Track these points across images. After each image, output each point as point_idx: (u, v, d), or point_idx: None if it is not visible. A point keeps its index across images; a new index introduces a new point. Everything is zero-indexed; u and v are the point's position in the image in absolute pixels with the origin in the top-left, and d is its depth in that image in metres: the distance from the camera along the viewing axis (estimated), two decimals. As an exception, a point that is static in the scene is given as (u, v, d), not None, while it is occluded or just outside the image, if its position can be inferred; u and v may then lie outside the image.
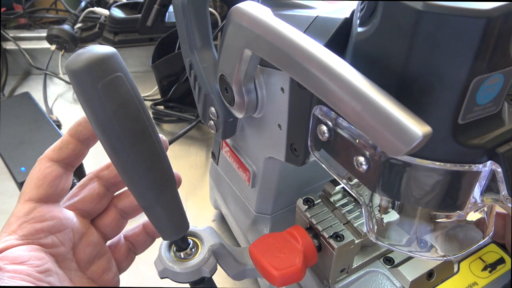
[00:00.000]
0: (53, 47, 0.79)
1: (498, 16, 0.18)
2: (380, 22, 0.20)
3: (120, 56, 0.26)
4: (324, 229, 0.35)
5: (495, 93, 0.21)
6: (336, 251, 0.34)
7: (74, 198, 0.33)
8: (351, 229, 0.36)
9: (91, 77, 0.25)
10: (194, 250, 0.34)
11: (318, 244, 0.35)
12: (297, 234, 0.35)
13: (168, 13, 0.78)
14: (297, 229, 0.36)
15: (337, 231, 0.34)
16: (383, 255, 0.39)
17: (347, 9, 0.25)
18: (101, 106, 0.25)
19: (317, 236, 0.35)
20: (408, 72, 0.20)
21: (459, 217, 0.27)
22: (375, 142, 0.20)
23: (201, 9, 0.34)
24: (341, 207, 0.37)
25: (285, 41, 0.22)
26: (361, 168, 0.23)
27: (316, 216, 0.36)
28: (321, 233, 0.35)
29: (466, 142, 0.21)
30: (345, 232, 0.34)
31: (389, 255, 0.39)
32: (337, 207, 0.37)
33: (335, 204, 0.38)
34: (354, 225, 0.36)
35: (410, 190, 0.23)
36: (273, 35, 0.23)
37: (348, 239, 0.34)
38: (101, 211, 0.35)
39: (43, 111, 0.67)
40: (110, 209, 0.35)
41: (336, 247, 0.33)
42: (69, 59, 0.25)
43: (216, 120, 0.36)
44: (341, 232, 0.34)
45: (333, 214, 0.36)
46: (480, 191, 0.23)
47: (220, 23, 0.73)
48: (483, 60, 0.19)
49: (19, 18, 0.87)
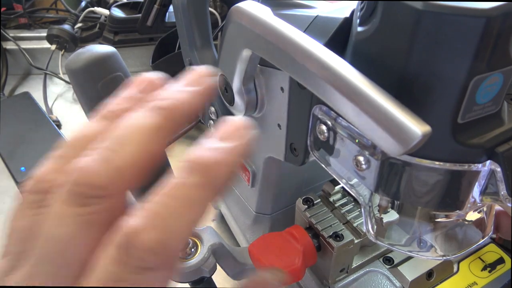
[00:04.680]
0: (53, 47, 0.79)
1: (498, 16, 0.18)
2: (380, 21, 0.20)
3: (119, 55, 0.26)
4: (323, 229, 0.35)
5: (495, 93, 0.21)
6: (336, 250, 0.34)
7: None
8: (350, 228, 0.36)
9: (91, 76, 0.25)
10: (193, 250, 0.34)
11: (318, 244, 0.35)
12: (297, 234, 0.35)
13: (168, 13, 0.78)
14: (297, 228, 0.36)
15: (337, 231, 0.34)
16: (382, 255, 0.39)
17: (347, 9, 0.25)
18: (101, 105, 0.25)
19: (316, 236, 0.35)
20: (408, 71, 0.20)
21: (458, 216, 0.27)
22: (374, 141, 0.20)
23: (201, 9, 0.35)
24: (340, 206, 0.37)
25: (285, 41, 0.22)
26: (361, 167, 0.23)
27: (316, 215, 0.36)
28: (320, 232, 0.35)
29: (466, 141, 0.21)
30: (345, 232, 0.34)
31: (389, 255, 0.39)
32: (337, 206, 0.37)
33: (335, 204, 0.38)
34: (353, 225, 0.36)
35: (409, 189, 0.23)
36: (273, 35, 0.23)
37: (348, 239, 0.34)
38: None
39: (43, 111, 0.67)
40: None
41: (335, 246, 0.33)
42: (69, 58, 0.25)
43: (216, 119, 0.36)
44: (341, 231, 0.34)
45: (332, 213, 0.36)
46: (479, 191, 0.23)
47: (220, 23, 0.73)
48: (482, 60, 0.19)
49: (19, 18, 0.87)
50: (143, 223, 0.15)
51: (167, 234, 0.15)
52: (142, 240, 0.14)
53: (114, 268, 0.15)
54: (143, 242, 0.14)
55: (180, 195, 0.15)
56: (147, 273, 0.15)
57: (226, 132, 0.17)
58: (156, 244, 0.15)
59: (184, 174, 0.16)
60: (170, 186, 0.16)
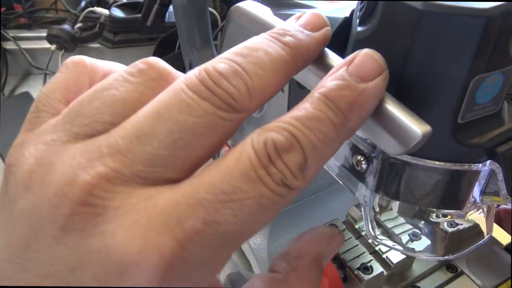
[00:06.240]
0: (53, 47, 0.79)
1: (498, 16, 0.18)
2: (380, 21, 0.20)
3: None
4: (350, 260, 0.33)
5: (495, 93, 0.21)
6: (364, 284, 0.32)
7: None
8: (379, 259, 0.34)
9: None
10: None
11: (344, 275, 0.33)
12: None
13: (168, 13, 0.78)
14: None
15: (365, 262, 0.32)
16: (410, 284, 0.37)
17: (347, 9, 0.25)
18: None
19: (342, 266, 0.33)
20: (408, 71, 0.20)
21: (458, 216, 0.27)
22: (374, 141, 0.20)
23: (201, 9, 0.35)
24: (367, 235, 0.35)
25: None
26: (360, 167, 0.23)
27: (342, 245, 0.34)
28: (347, 264, 0.33)
29: (466, 141, 0.21)
30: (374, 264, 0.33)
31: (417, 284, 0.37)
32: (363, 235, 0.35)
33: (361, 232, 0.36)
34: (382, 256, 0.34)
35: (409, 189, 0.23)
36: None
37: (377, 272, 0.32)
38: None
39: (43, 111, 0.67)
40: None
41: (364, 280, 0.32)
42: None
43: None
44: (369, 263, 0.32)
45: (359, 241, 0.34)
46: (479, 191, 0.23)
47: (220, 23, 0.73)
48: (482, 59, 0.19)
49: (19, 18, 0.87)
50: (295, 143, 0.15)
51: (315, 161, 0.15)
52: (292, 156, 0.15)
53: (251, 164, 0.14)
54: (292, 158, 0.15)
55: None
56: (286, 192, 0.15)
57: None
58: (302, 166, 0.15)
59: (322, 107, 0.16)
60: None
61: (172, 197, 0.14)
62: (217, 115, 0.15)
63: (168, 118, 0.15)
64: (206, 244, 0.14)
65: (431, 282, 0.36)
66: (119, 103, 0.16)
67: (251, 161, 0.15)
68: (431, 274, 0.37)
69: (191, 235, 0.14)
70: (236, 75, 0.16)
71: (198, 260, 0.14)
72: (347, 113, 0.16)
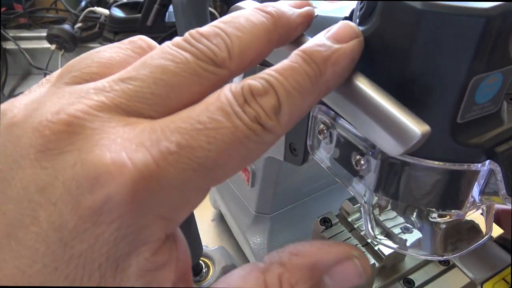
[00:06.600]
0: (53, 47, 0.79)
1: (498, 15, 0.18)
2: (380, 21, 0.20)
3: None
4: None
5: (494, 92, 0.21)
6: None
7: None
8: (371, 251, 0.34)
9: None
10: (205, 272, 0.33)
11: None
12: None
13: (168, 13, 0.78)
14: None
15: None
16: (402, 277, 0.37)
17: (347, 9, 0.25)
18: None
19: None
20: (407, 71, 0.20)
21: (458, 216, 0.27)
22: (373, 141, 0.20)
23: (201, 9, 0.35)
24: (359, 227, 0.36)
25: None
26: (360, 167, 0.23)
27: (334, 237, 0.34)
28: None
29: (465, 141, 0.21)
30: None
31: (409, 276, 0.37)
32: (356, 227, 0.36)
33: (354, 224, 0.36)
34: (374, 248, 0.34)
35: (408, 189, 0.23)
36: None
37: (369, 263, 0.32)
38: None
39: (43, 110, 0.67)
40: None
41: None
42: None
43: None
44: None
45: (351, 234, 0.35)
46: (479, 190, 0.23)
47: (220, 23, 0.73)
48: (482, 59, 0.19)
49: (19, 18, 0.88)
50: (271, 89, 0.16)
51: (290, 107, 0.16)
52: (266, 99, 0.16)
53: (224, 109, 0.15)
54: (267, 100, 0.16)
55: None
56: (260, 130, 0.16)
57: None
58: (276, 109, 0.16)
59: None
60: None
61: (150, 125, 0.15)
62: (198, 64, 0.16)
63: (150, 63, 0.16)
64: (179, 166, 0.15)
65: (423, 275, 0.37)
66: (106, 59, 0.18)
67: (228, 99, 0.16)
68: (423, 267, 0.38)
69: (166, 155, 0.14)
70: (216, 35, 0.17)
71: (170, 181, 0.15)
72: (322, 67, 0.17)
